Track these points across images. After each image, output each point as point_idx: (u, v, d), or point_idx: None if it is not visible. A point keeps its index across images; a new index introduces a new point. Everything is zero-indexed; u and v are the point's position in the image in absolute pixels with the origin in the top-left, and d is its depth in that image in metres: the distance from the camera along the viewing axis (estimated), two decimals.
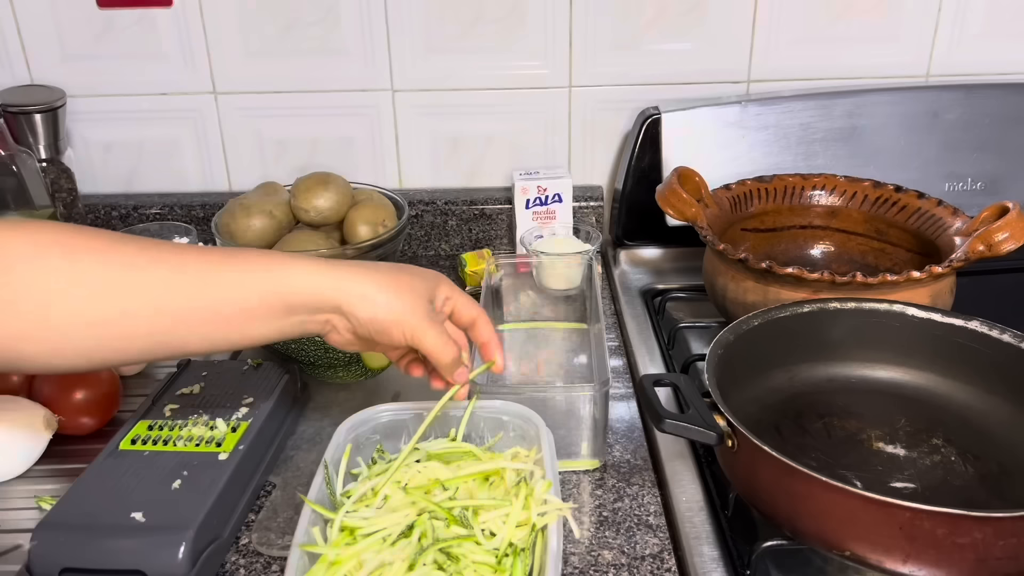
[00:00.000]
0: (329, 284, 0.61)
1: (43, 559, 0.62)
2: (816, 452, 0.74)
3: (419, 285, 0.66)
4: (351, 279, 0.62)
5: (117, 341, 0.56)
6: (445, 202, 1.20)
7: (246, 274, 0.59)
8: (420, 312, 0.64)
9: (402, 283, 0.64)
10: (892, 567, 0.58)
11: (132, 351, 0.58)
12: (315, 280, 0.61)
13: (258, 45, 1.13)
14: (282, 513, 0.74)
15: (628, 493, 0.75)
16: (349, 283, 0.62)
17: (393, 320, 0.63)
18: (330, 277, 0.61)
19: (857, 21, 1.13)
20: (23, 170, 0.99)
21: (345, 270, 0.63)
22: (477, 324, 0.71)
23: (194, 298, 0.57)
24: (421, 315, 0.64)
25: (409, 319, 0.63)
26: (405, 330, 0.63)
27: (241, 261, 0.60)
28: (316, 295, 0.61)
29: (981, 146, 1.10)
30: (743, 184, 1.01)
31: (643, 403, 0.74)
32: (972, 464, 0.72)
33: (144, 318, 0.56)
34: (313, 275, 0.61)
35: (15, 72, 1.14)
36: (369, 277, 0.63)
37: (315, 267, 0.62)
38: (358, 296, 0.62)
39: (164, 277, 0.57)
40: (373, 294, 0.62)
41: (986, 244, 0.83)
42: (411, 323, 0.63)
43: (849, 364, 0.81)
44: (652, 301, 1.07)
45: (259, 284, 0.59)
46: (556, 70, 1.15)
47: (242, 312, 0.59)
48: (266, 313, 0.60)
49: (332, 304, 0.61)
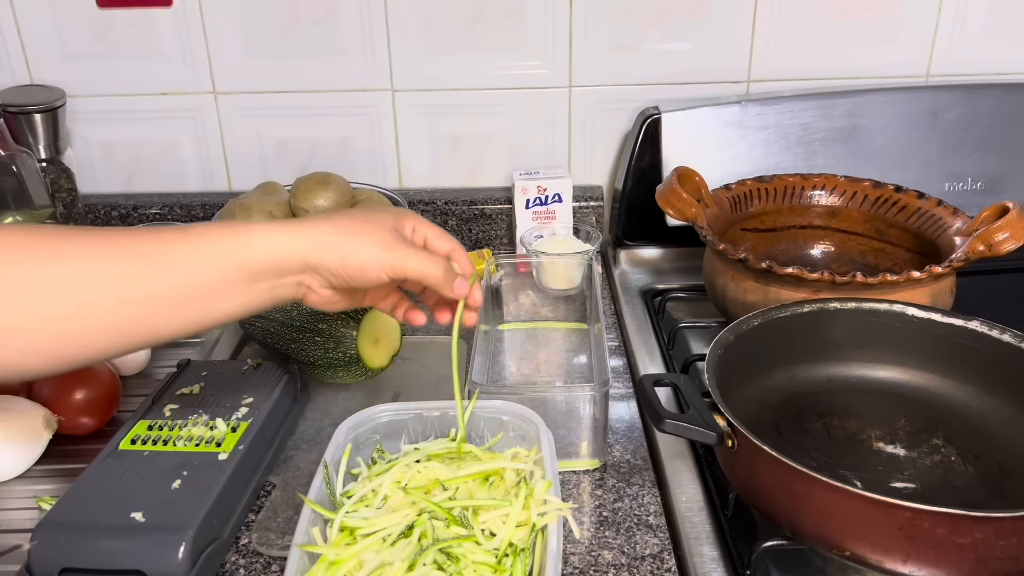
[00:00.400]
0: (289, 242, 0.59)
1: (43, 559, 0.62)
2: (816, 452, 0.74)
3: (383, 219, 0.63)
4: (311, 231, 0.60)
5: (82, 336, 0.54)
6: (445, 202, 1.20)
7: (202, 248, 0.57)
8: (391, 241, 0.62)
9: (366, 221, 0.62)
10: (892, 567, 0.58)
11: (100, 346, 0.56)
12: (273, 241, 0.59)
13: (258, 45, 1.13)
14: (282, 513, 0.74)
15: (628, 493, 0.75)
16: (310, 235, 0.60)
17: (367, 259, 0.61)
18: (289, 235, 0.59)
19: (857, 21, 1.13)
20: (23, 170, 0.99)
21: (303, 224, 0.61)
22: (454, 256, 0.68)
23: (154, 283, 0.56)
24: (393, 243, 0.62)
25: (382, 252, 0.61)
26: (383, 263, 0.61)
27: (196, 237, 0.58)
28: (278, 257, 0.59)
29: (981, 146, 1.10)
30: (743, 184, 1.01)
31: (643, 403, 0.74)
32: (972, 464, 0.72)
33: (106, 310, 0.54)
34: (270, 236, 0.59)
35: (15, 72, 1.14)
36: (330, 225, 0.61)
37: (272, 228, 0.59)
38: (323, 246, 0.60)
39: (120, 265, 0.55)
40: (338, 240, 0.60)
41: (986, 244, 0.83)
42: (386, 255, 0.61)
43: (849, 364, 0.81)
44: (652, 301, 1.07)
45: (217, 257, 0.57)
46: (556, 70, 1.15)
47: (206, 289, 0.57)
48: (230, 286, 0.58)
49: (298, 262, 0.60)
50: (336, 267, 0.60)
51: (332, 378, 0.89)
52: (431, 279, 0.64)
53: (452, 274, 0.65)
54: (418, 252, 0.63)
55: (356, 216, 0.63)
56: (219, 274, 0.57)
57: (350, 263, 0.60)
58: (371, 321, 0.88)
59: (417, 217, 0.67)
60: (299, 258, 0.59)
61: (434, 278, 0.64)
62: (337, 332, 0.86)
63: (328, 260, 0.60)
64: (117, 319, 0.55)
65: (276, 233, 0.59)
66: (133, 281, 0.55)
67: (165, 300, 0.56)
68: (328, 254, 0.60)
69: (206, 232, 0.58)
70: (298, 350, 0.87)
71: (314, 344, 0.86)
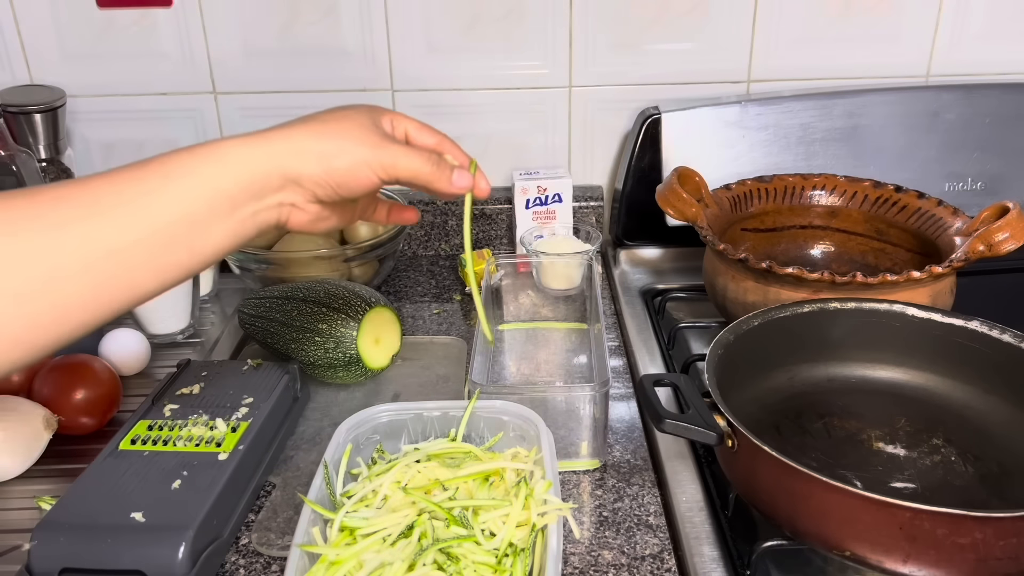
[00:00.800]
0: (265, 154, 0.53)
1: (43, 559, 0.62)
2: (816, 452, 0.74)
3: (360, 116, 0.57)
4: (286, 139, 0.54)
5: (57, 312, 0.47)
6: (445, 202, 1.20)
7: (176, 181, 0.51)
8: (376, 139, 0.56)
9: (344, 119, 0.57)
10: (892, 567, 0.58)
11: (79, 319, 0.48)
12: (249, 157, 0.53)
13: (258, 45, 1.13)
14: (282, 513, 0.74)
15: (628, 493, 0.75)
16: (286, 144, 0.54)
17: (353, 161, 0.55)
18: (264, 147, 0.54)
19: (857, 21, 1.13)
20: (23, 170, 0.99)
21: (275, 134, 0.55)
22: (443, 148, 0.63)
23: (128, 231, 0.49)
24: (379, 141, 0.56)
25: (369, 151, 0.56)
26: (372, 163, 0.56)
27: (165, 169, 0.51)
28: (256, 173, 0.53)
29: (981, 146, 1.10)
30: (743, 184, 1.01)
31: (643, 403, 0.74)
32: (972, 464, 0.72)
33: (78, 274, 0.47)
34: (245, 151, 0.53)
35: (15, 72, 1.14)
36: (305, 131, 0.55)
37: (244, 142, 0.53)
38: (302, 153, 0.54)
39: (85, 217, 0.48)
40: (318, 144, 0.55)
41: (986, 244, 0.83)
42: (373, 153, 0.56)
43: (849, 364, 0.81)
44: (652, 301, 1.07)
45: (194, 188, 0.51)
46: (556, 70, 1.15)
47: (185, 226, 0.50)
48: (211, 218, 0.52)
49: (278, 176, 0.54)
50: (321, 175, 0.55)
51: (332, 378, 0.89)
52: (425, 176, 0.58)
53: (448, 167, 0.60)
54: (407, 148, 0.58)
55: (329, 116, 0.57)
56: (199, 206, 0.51)
57: (336, 168, 0.55)
58: (371, 321, 0.88)
59: (392, 111, 0.61)
60: (279, 171, 0.54)
61: (429, 174, 0.58)
62: (337, 332, 0.86)
63: (310, 169, 0.54)
64: (92, 282, 0.48)
65: (250, 147, 0.53)
66: (103, 233, 0.48)
67: (142, 249, 0.49)
68: (309, 162, 0.54)
69: (174, 161, 0.51)
70: (298, 350, 0.87)
71: (314, 344, 0.86)
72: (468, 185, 0.62)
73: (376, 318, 0.88)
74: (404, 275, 1.17)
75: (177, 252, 0.51)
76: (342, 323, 0.86)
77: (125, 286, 0.50)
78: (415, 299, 1.11)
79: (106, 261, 0.48)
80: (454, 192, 0.61)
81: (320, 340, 0.86)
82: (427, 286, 1.14)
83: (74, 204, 0.48)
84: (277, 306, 0.90)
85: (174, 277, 0.52)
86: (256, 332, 0.93)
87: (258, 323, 0.92)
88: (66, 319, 0.48)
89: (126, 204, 0.49)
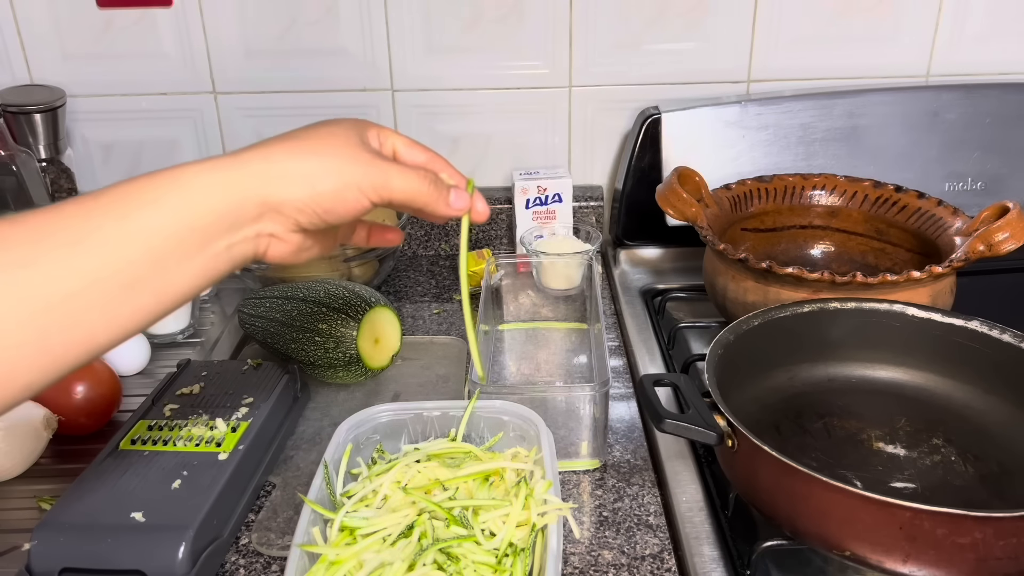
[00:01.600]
0: (239, 178, 0.46)
1: (43, 559, 0.62)
2: (816, 452, 0.74)
3: (345, 131, 0.51)
4: (264, 159, 0.47)
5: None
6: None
7: (136, 214, 0.43)
8: (366, 156, 0.50)
9: (326, 137, 0.50)
10: (892, 567, 0.58)
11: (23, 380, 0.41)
12: (220, 181, 0.46)
13: (258, 45, 1.13)
14: (282, 513, 0.74)
15: (628, 493, 0.75)
16: (264, 165, 0.47)
17: (341, 182, 0.49)
18: (237, 170, 0.46)
19: (857, 21, 1.13)
20: (23, 170, 0.99)
21: (251, 154, 0.47)
22: (435, 166, 0.57)
23: (79, 273, 0.41)
24: (369, 159, 0.50)
25: (359, 171, 0.49)
26: (362, 185, 0.49)
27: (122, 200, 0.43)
28: (230, 201, 0.45)
29: (981, 146, 1.10)
30: (743, 184, 1.01)
31: (643, 403, 0.74)
32: (972, 464, 0.72)
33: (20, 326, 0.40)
34: (214, 175, 0.45)
35: (15, 72, 1.14)
36: (283, 150, 0.48)
37: (212, 167, 0.46)
38: (282, 177, 0.47)
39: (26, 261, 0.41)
40: (300, 165, 0.48)
41: (986, 244, 0.83)
42: (364, 173, 0.49)
43: (849, 364, 0.81)
44: (652, 301, 1.07)
45: (156, 222, 0.43)
46: (556, 70, 1.15)
47: (147, 267, 0.43)
48: (178, 256, 0.44)
49: (256, 203, 0.47)
50: (304, 201, 0.48)
51: (332, 378, 0.89)
52: (422, 197, 0.52)
53: (444, 187, 0.54)
54: (400, 166, 0.52)
55: (311, 132, 0.50)
56: (163, 242, 0.44)
57: (322, 191, 0.48)
58: (371, 321, 0.88)
59: (379, 125, 0.55)
60: (256, 198, 0.47)
61: (426, 195, 0.53)
62: (337, 332, 0.86)
63: (292, 193, 0.47)
64: (37, 337, 0.41)
65: (221, 171, 0.46)
66: (49, 278, 0.41)
67: (97, 295, 0.42)
68: (291, 187, 0.47)
69: (132, 190, 0.44)
70: (298, 350, 0.87)
71: (314, 344, 0.86)
72: (466, 207, 0.57)
73: (376, 318, 0.88)
74: (404, 275, 1.17)
75: (140, 297, 0.44)
76: (342, 323, 0.86)
77: (79, 339, 0.42)
78: (415, 299, 1.11)
79: (54, 311, 0.41)
80: (451, 215, 0.56)
81: (320, 340, 0.86)
82: (427, 286, 1.14)
83: (12, 244, 0.41)
84: (277, 306, 0.90)
85: (137, 324, 0.45)
86: (256, 332, 0.93)
87: (258, 323, 0.92)
88: (9, 382, 0.41)
89: (76, 243, 0.42)
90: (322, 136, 0.50)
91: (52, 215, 0.42)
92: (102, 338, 0.43)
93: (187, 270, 0.45)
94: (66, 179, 1.10)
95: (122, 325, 0.44)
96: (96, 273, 0.42)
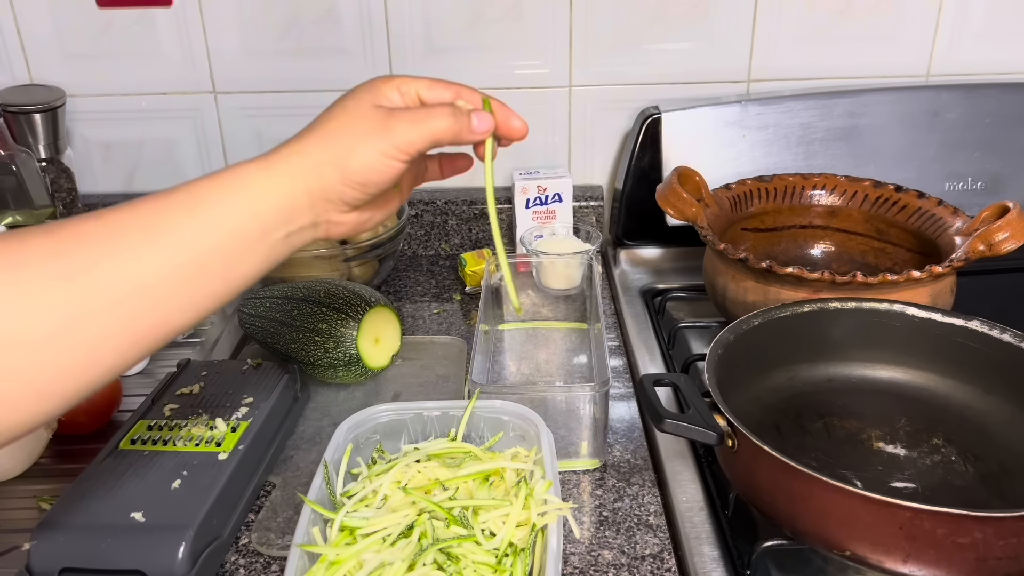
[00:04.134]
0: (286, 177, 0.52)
1: (43, 559, 0.62)
2: (816, 452, 0.74)
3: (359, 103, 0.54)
4: (301, 155, 0.52)
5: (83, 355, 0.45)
6: (445, 202, 1.20)
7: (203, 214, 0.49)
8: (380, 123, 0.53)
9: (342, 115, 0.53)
10: (892, 567, 0.58)
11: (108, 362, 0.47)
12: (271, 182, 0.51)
13: (258, 44, 1.13)
14: (282, 513, 0.74)
15: (628, 493, 0.75)
16: (301, 160, 0.52)
17: (367, 156, 0.52)
18: (282, 168, 0.52)
19: (857, 21, 1.13)
20: (23, 170, 0.99)
21: (291, 150, 0.52)
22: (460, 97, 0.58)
23: (157, 263, 0.47)
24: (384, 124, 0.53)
25: (379, 139, 0.52)
26: (386, 151, 0.52)
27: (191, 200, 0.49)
28: (282, 199, 0.51)
29: (981, 145, 1.10)
30: (743, 184, 1.01)
31: (643, 403, 0.74)
32: (972, 464, 0.72)
33: (105, 311, 0.45)
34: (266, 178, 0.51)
35: (15, 72, 1.14)
36: (314, 139, 0.53)
37: (263, 167, 0.51)
38: (319, 166, 0.52)
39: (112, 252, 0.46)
40: (328, 151, 0.52)
41: (986, 244, 0.83)
42: (384, 139, 0.52)
43: (849, 364, 0.81)
44: (652, 301, 1.07)
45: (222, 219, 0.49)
46: (556, 69, 1.15)
47: (216, 256, 0.49)
48: (243, 248, 0.50)
49: (304, 196, 0.52)
50: (342, 182, 0.52)
51: (332, 378, 0.89)
52: (444, 135, 0.54)
53: (464, 115, 0.55)
54: (415, 115, 0.53)
55: (330, 115, 0.54)
56: (229, 236, 0.49)
57: (353, 169, 0.52)
58: (371, 321, 0.88)
59: (398, 76, 0.56)
60: (303, 192, 0.52)
61: (447, 131, 0.54)
62: (337, 332, 0.86)
63: (329, 180, 0.52)
64: (122, 320, 0.46)
65: (270, 172, 0.51)
66: (132, 268, 0.46)
67: (173, 282, 0.48)
68: (327, 172, 0.52)
69: (199, 192, 0.50)
70: (298, 350, 0.87)
71: (314, 344, 0.86)
72: (490, 127, 0.56)
73: (376, 318, 0.88)
74: (404, 275, 1.17)
75: (210, 282, 0.49)
76: (342, 323, 0.86)
77: (157, 321, 0.48)
78: (415, 299, 1.11)
79: (135, 297, 0.46)
80: (478, 138, 0.56)
81: (320, 340, 0.86)
82: (427, 286, 1.14)
83: (98, 241, 0.46)
84: (277, 306, 0.90)
85: (208, 308, 0.50)
86: (256, 332, 0.93)
87: (258, 323, 0.92)
88: (96, 362, 0.46)
89: (155, 238, 0.47)
90: (339, 115, 0.53)
91: (129, 213, 0.48)
92: (177, 321, 0.49)
93: (250, 258, 0.51)
94: (66, 179, 1.10)
95: (195, 309, 0.49)
96: (172, 263, 0.47)
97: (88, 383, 0.47)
